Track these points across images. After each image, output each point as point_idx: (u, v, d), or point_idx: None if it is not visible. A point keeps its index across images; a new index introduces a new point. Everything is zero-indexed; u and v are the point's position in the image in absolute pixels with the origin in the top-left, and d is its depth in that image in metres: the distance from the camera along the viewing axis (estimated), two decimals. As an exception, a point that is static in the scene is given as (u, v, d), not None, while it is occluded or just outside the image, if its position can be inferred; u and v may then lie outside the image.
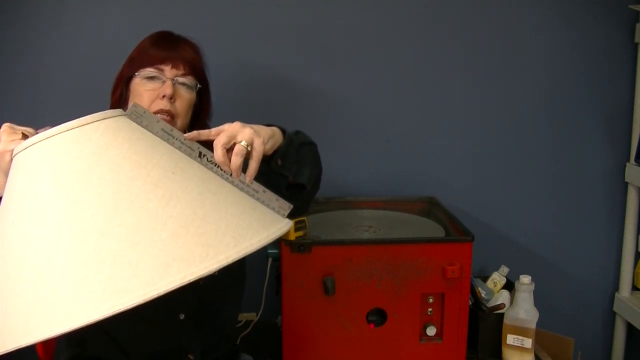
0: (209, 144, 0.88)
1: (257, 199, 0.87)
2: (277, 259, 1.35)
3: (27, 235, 0.74)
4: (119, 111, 0.87)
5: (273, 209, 0.88)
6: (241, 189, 0.87)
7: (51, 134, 0.80)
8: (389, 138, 1.74)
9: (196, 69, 1.17)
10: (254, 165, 0.87)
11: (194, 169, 0.84)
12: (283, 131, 1.01)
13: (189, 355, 1.18)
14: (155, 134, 0.88)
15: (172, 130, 0.88)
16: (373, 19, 1.68)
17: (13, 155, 0.83)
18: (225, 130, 0.87)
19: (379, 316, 1.33)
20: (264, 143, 0.89)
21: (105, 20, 1.61)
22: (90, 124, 0.81)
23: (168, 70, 1.13)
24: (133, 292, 0.66)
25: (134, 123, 0.87)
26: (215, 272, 0.71)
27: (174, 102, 1.12)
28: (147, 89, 1.12)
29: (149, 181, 0.77)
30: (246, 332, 1.53)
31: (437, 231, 1.42)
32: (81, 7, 1.61)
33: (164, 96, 1.11)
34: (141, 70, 1.13)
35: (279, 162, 0.98)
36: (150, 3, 1.62)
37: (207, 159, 0.88)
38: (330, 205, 1.61)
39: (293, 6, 1.65)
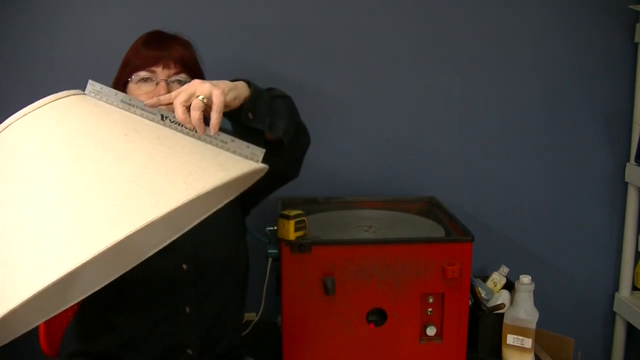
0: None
1: (227, 150, 0.87)
2: (277, 259, 1.35)
3: None
4: (74, 91, 0.89)
5: (246, 156, 0.87)
6: (209, 144, 0.87)
7: (6, 124, 0.84)
8: (389, 138, 1.73)
9: (188, 66, 1.17)
10: (214, 116, 0.87)
11: (150, 130, 0.86)
12: (248, 84, 1.00)
13: (187, 350, 1.18)
14: (117, 106, 0.89)
15: (130, 99, 0.90)
16: (373, 18, 1.68)
17: None
18: (183, 90, 0.88)
19: (379, 316, 1.33)
20: (224, 94, 0.89)
21: (104, 18, 1.61)
22: (44, 106, 0.84)
23: (160, 71, 1.14)
24: (83, 251, 0.69)
25: (92, 99, 0.89)
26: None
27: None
28: (142, 92, 1.14)
29: (100, 146, 0.80)
30: (246, 332, 1.53)
31: (437, 231, 1.42)
32: (79, 5, 1.61)
33: None
34: (134, 74, 1.14)
35: (250, 116, 0.97)
36: (148, 2, 1.61)
37: (170, 120, 0.88)
38: (330, 205, 1.61)
39: (293, 6, 1.65)
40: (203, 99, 0.86)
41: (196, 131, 0.86)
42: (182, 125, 0.87)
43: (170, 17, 1.60)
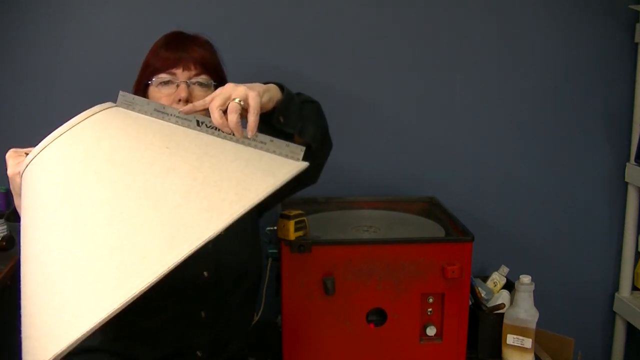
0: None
1: (267, 151, 0.86)
2: (277, 259, 1.35)
3: (45, 247, 0.75)
4: (107, 104, 0.88)
5: (286, 155, 0.86)
6: (248, 146, 0.86)
7: (45, 144, 0.82)
8: (389, 138, 1.74)
9: (208, 67, 1.16)
10: (252, 118, 0.86)
11: (190, 139, 0.84)
12: (282, 88, 1.00)
13: (197, 352, 1.18)
14: (150, 115, 0.88)
15: (164, 107, 0.89)
16: (374, 18, 1.68)
17: (21, 176, 0.85)
18: (218, 94, 0.87)
19: (379, 316, 1.33)
20: (259, 96, 0.89)
21: (111, 19, 1.62)
22: (80, 124, 0.82)
23: (180, 73, 1.13)
24: (144, 272, 0.67)
25: (126, 111, 0.88)
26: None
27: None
28: (163, 95, 1.13)
29: (144, 162, 0.77)
30: (247, 331, 1.52)
31: (437, 231, 1.42)
32: (88, 5, 1.61)
33: (179, 100, 1.11)
34: (155, 76, 1.14)
35: (281, 119, 0.98)
36: (153, 2, 1.61)
37: (206, 125, 0.87)
38: (330, 205, 1.61)
39: (294, 5, 1.65)
40: (239, 101, 0.86)
41: (234, 134, 0.86)
42: (218, 130, 0.86)
43: (172, 16, 1.60)
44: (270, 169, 0.80)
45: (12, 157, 0.90)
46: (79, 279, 0.69)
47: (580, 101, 1.75)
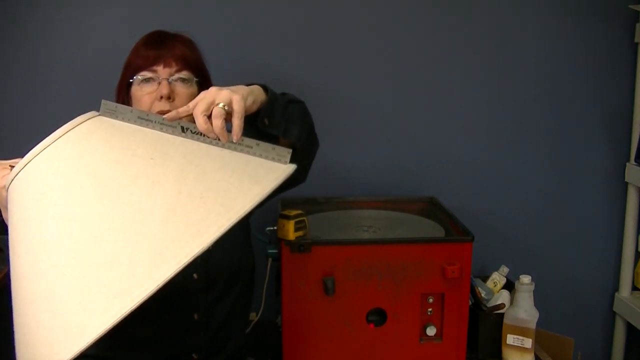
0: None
1: (254, 154, 0.85)
2: (277, 259, 1.35)
3: (33, 264, 0.74)
4: (90, 114, 0.86)
5: (273, 159, 0.85)
6: (234, 150, 0.85)
7: (28, 159, 0.81)
8: (389, 138, 1.73)
9: (190, 62, 1.16)
10: (236, 122, 0.86)
11: (175, 147, 0.83)
12: (265, 89, 0.99)
13: (192, 355, 1.18)
14: (134, 123, 0.87)
15: (148, 115, 0.88)
16: (374, 18, 1.68)
17: (6, 189, 0.84)
18: (202, 99, 0.86)
19: (379, 316, 1.33)
20: (244, 99, 0.88)
21: (103, 20, 1.62)
22: (63, 136, 0.81)
23: (161, 70, 1.13)
24: (133, 291, 0.66)
25: (109, 120, 0.87)
26: (210, 247, 0.70)
27: (173, 101, 1.12)
28: (145, 93, 1.13)
29: (128, 175, 0.76)
30: (246, 332, 1.52)
31: (437, 231, 1.42)
32: (78, 6, 1.61)
33: (161, 97, 1.11)
34: (136, 74, 1.13)
35: (266, 121, 0.97)
36: (149, 2, 1.62)
37: (191, 131, 0.86)
38: (330, 205, 1.61)
39: (293, 4, 1.65)
40: (224, 106, 0.85)
41: (219, 139, 0.85)
42: (204, 135, 0.85)
43: (169, 16, 1.60)
44: (257, 176, 0.79)
45: None
46: (68, 297, 0.69)
47: (580, 101, 1.75)
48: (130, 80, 1.15)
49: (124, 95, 1.17)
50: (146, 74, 1.13)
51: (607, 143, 1.77)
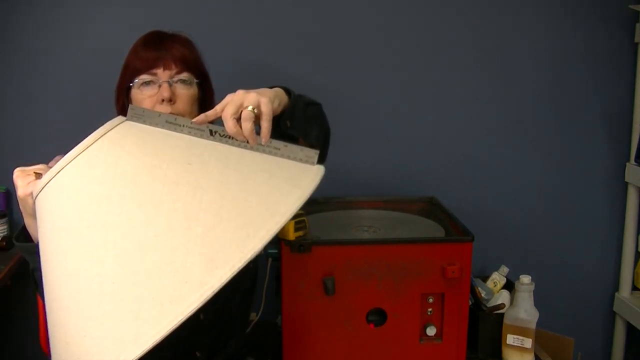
0: (218, 121, 0.87)
1: (282, 156, 0.85)
2: (277, 259, 1.35)
3: (74, 273, 0.73)
4: (118, 119, 0.86)
5: (300, 160, 0.85)
6: (262, 152, 0.85)
7: (60, 166, 0.79)
8: (389, 138, 1.73)
9: (189, 64, 1.15)
10: (265, 125, 0.86)
11: (208, 151, 0.83)
12: (287, 91, 1.00)
13: (196, 353, 1.18)
14: (161, 128, 0.87)
15: (176, 119, 0.88)
16: (374, 18, 1.68)
17: (34, 198, 0.83)
18: (230, 102, 0.86)
19: (379, 316, 1.33)
20: (271, 102, 0.89)
21: (102, 20, 1.62)
22: (95, 143, 0.80)
23: (161, 73, 1.12)
24: (189, 297, 0.66)
25: (137, 124, 0.86)
26: (261, 251, 0.70)
27: (174, 103, 1.11)
28: (146, 96, 1.12)
29: (169, 181, 0.76)
30: (246, 332, 1.53)
31: (437, 231, 1.42)
32: (77, 6, 1.61)
33: (162, 100, 1.10)
34: (136, 78, 1.12)
35: (288, 123, 0.98)
36: (148, 2, 1.62)
37: (219, 134, 0.86)
38: (330, 205, 1.61)
39: (294, 5, 1.65)
40: (253, 109, 0.85)
41: (248, 142, 0.85)
42: (232, 138, 0.85)
43: (168, 16, 1.60)
44: (293, 179, 0.79)
45: (21, 178, 0.89)
46: (117, 306, 0.68)
47: (580, 101, 1.75)
48: (130, 84, 1.14)
49: (123, 98, 1.16)
50: (146, 77, 1.12)
51: (607, 143, 1.77)
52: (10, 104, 1.64)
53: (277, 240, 1.31)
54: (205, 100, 1.20)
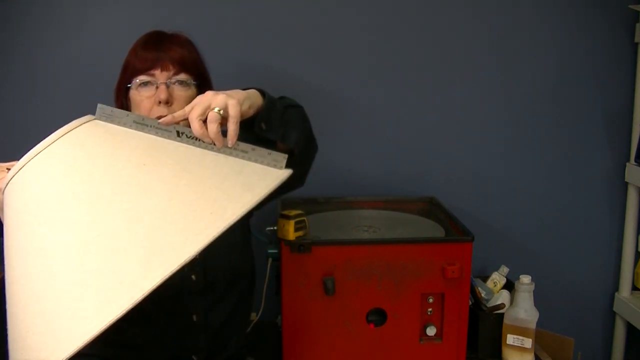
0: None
1: (249, 159, 0.85)
2: (277, 259, 1.35)
3: (25, 269, 0.74)
4: (86, 118, 0.86)
5: (268, 164, 0.85)
6: (229, 155, 0.85)
7: (23, 162, 0.80)
8: (389, 138, 1.73)
9: (187, 65, 1.14)
10: (232, 127, 0.85)
11: (168, 154, 0.83)
12: (263, 93, 0.98)
13: (192, 356, 1.18)
14: (129, 127, 0.87)
15: (144, 119, 0.87)
16: (373, 18, 1.68)
17: (2, 192, 0.84)
18: (197, 103, 0.86)
19: (379, 316, 1.33)
20: (239, 104, 0.87)
21: (103, 19, 1.62)
22: (58, 140, 0.81)
23: (159, 74, 1.11)
24: (120, 299, 0.66)
25: (105, 124, 0.86)
26: (196, 256, 0.70)
27: (171, 105, 1.11)
28: (144, 97, 1.12)
29: (120, 181, 0.76)
30: (246, 332, 1.53)
31: (437, 231, 1.42)
32: (77, 6, 1.61)
33: (159, 102, 1.10)
34: (134, 79, 1.12)
35: (263, 126, 0.96)
36: (148, 2, 1.62)
37: (187, 135, 0.86)
38: (330, 205, 1.61)
39: (293, 5, 1.65)
40: (219, 110, 0.84)
41: (214, 144, 0.85)
42: (199, 140, 0.85)
43: (168, 16, 1.60)
44: (249, 183, 0.79)
45: None
46: (58, 303, 0.69)
47: (580, 101, 1.75)
48: (128, 85, 1.14)
49: (122, 98, 1.16)
50: (144, 78, 1.12)
51: (607, 143, 1.77)
52: (9, 104, 1.64)
53: (277, 240, 1.31)
54: None
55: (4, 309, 0.79)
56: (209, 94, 0.87)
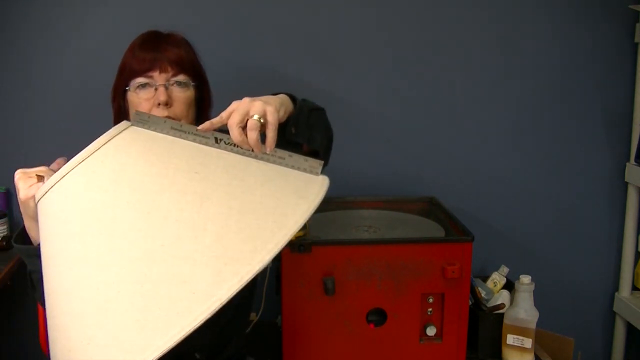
0: (223, 128, 0.87)
1: (286, 166, 0.85)
2: (277, 259, 1.35)
3: (78, 280, 0.72)
4: (124, 124, 0.86)
5: (305, 170, 0.85)
6: (267, 161, 0.85)
7: (65, 171, 0.79)
8: (389, 138, 1.73)
9: (185, 66, 1.14)
10: (271, 135, 0.86)
11: (214, 160, 0.82)
12: (292, 98, 1.00)
13: (195, 354, 1.18)
14: (167, 134, 0.86)
15: (181, 125, 0.87)
16: (373, 18, 1.68)
17: (36, 201, 0.83)
18: (235, 110, 0.86)
19: (379, 316, 1.33)
20: (277, 111, 0.88)
21: (101, 19, 1.62)
22: (100, 149, 0.80)
23: (157, 76, 1.10)
24: (196, 309, 0.65)
25: (143, 130, 0.86)
26: (270, 264, 0.69)
27: (170, 106, 1.10)
28: (142, 99, 1.10)
29: (175, 189, 0.75)
30: (246, 332, 1.53)
31: (437, 231, 1.42)
32: (75, 6, 1.61)
33: (159, 104, 1.09)
34: (132, 81, 1.11)
35: (293, 130, 0.97)
36: (149, 2, 1.62)
37: (225, 142, 0.86)
38: (330, 205, 1.61)
39: (293, 6, 1.65)
40: (259, 118, 0.85)
41: (253, 150, 0.85)
42: (237, 146, 0.85)
43: (169, 16, 1.60)
44: (300, 191, 0.79)
45: (23, 180, 0.88)
46: (123, 315, 0.67)
47: (580, 101, 1.75)
48: (126, 87, 1.13)
49: (120, 100, 1.15)
50: (142, 79, 1.11)
51: (607, 143, 1.77)
52: (9, 104, 1.64)
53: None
54: (203, 102, 1.19)
55: (7, 306, 0.78)
56: (246, 100, 0.87)
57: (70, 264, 0.74)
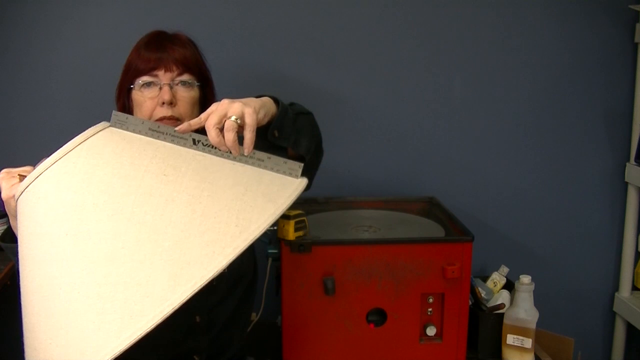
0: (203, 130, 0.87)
1: (265, 168, 0.85)
2: (277, 259, 1.35)
3: (46, 280, 0.73)
4: (101, 125, 0.85)
5: (284, 172, 0.85)
6: (245, 163, 0.85)
7: (39, 172, 0.79)
8: (389, 138, 1.73)
9: (190, 65, 1.14)
10: (248, 136, 0.85)
11: (187, 162, 0.82)
12: (276, 101, 0.99)
13: (194, 357, 1.18)
14: (144, 135, 0.86)
15: (159, 126, 0.87)
16: (373, 18, 1.68)
17: (16, 200, 0.83)
18: (214, 111, 0.85)
19: (379, 316, 1.33)
20: (255, 112, 0.87)
21: (105, 19, 1.61)
22: (74, 149, 0.80)
23: (162, 75, 1.11)
24: (148, 313, 0.66)
25: (121, 131, 0.86)
26: (225, 270, 0.69)
27: (175, 106, 1.10)
28: (146, 98, 1.11)
29: (141, 192, 0.75)
30: (246, 332, 1.53)
31: (437, 231, 1.42)
32: (78, 5, 1.61)
33: (163, 103, 1.09)
34: (137, 79, 1.12)
35: (276, 133, 0.96)
36: (150, 2, 1.61)
37: (202, 143, 0.86)
38: (330, 205, 1.61)
39: (293, 5, 1.65)
40: (236, 119, 0.84)
41: (231, 152, 0.85)
42: (215, 148, 0.85)
43: (169, 16, 1.60)
44: (270, 194, 0.78)
45: (5, 180, 0.89)
46: (82, 316, 0.68)
47: (580, 101, 1.75)
48: (131, 86, 1.13)
49: (124, 99, 1.16)
50: (147, 78, 1.11)
51: (607, 143, 1.77)
52: (8, 104, 1.64)
53: (277, 240, 1.31)
54: (207, 102, 1.19)
55: (8, 306, 0.79)
56: (224, 102, 0.87)
57: (39, 263, 0.75)
